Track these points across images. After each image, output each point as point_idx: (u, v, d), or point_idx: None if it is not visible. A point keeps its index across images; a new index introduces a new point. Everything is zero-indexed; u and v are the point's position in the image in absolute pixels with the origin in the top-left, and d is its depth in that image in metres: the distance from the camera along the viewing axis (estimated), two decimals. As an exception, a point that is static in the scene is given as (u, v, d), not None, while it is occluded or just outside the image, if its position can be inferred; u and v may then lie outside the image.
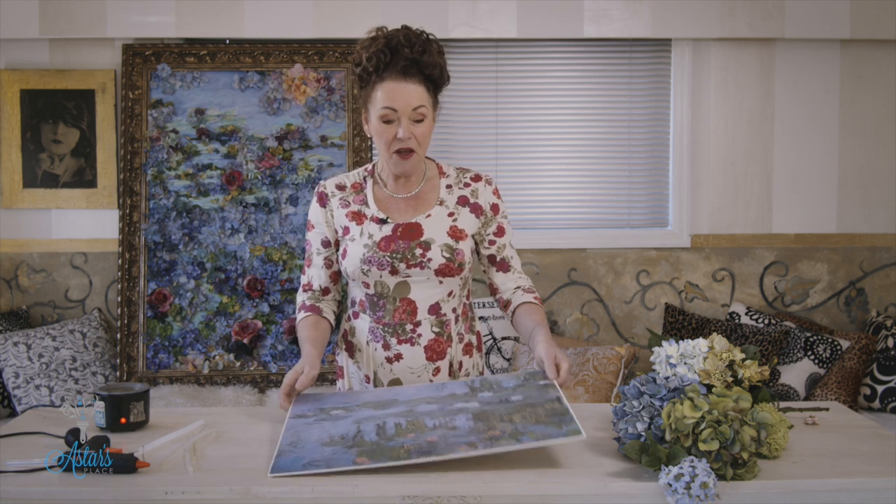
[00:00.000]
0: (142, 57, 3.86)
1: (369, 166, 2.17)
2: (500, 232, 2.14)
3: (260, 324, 3.80)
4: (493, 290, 2.18)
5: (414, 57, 1.96)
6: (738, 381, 1.70)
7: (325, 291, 2.15)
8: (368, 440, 1.66)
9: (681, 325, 3.93)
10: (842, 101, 4.04)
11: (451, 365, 2.09)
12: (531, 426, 1.63)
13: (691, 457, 1.48)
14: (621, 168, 4.09)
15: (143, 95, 3.85)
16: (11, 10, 3.78)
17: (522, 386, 1.84)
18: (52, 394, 3.53)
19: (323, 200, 2.12)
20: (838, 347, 3.71)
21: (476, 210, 2.11)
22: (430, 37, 2.02)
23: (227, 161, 3.85)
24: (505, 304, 2.16)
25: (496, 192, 2.15)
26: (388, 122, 1.98)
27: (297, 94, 3.88)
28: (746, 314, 3.92)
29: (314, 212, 2.13)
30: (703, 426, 1.51)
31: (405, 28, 2.00)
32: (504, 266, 2.15)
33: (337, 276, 2.16)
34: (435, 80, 2.02)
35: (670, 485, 1.45)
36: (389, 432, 1.68)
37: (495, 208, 2.14)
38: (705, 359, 1.69)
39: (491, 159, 4.03)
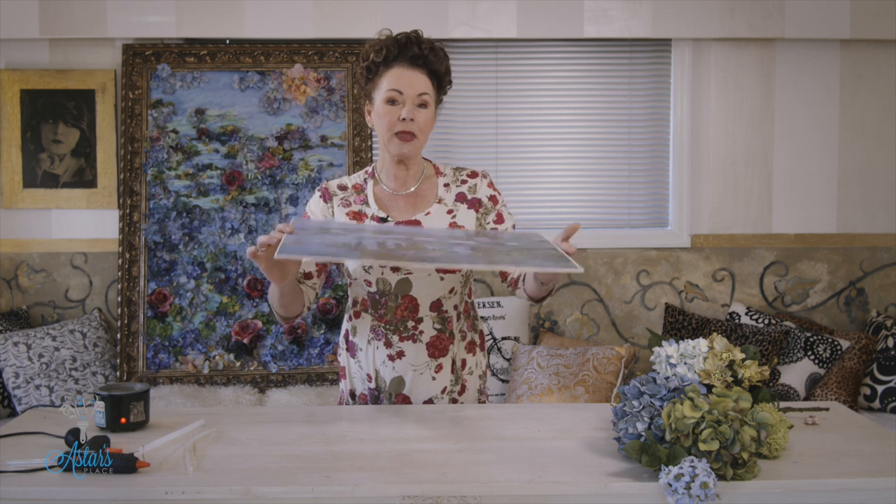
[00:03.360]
0: (142, 57, 3.86)
1: (369, 168, 2.19)
2: (500, 219, 2.13)
3: (260, 324, 3.80)
4: (502, 277, 2.13)
5: (422, 53, 2.01)
6: (738, 381, 1.70)
7: (308, 276, 2.09)
8: (370, 249, 1.78)
9: (681, 325, 3.93)
10: (842, 101, 4.05)
11: (453, 362, 2.10)
12: (530, 260, 1.75)
13: (691, 457, 1.48)
14: (621, 168, 4.09)
15: (143, 95, 3.85)
16: (11, 10, 3.78)
17: (520, 239, 1.93)
18: (52, 394, 3.54)
19: (326, 196, 2.14)
20: (838, 347, 3.71)
21: (474, 205, 2.12)
22: (439, 43, 2.08)
23: (227, 161, 3.86)
24: (514, 282, 2.08)
25: (491, 185, 2.16)
26: (392, 103, 2.01)
27: (297, 94, 3.88)
28: (746, 314, 3.92)
29: (315, 204, 2.14)
30: (703, 426, 1.51)
31: (415, 31, 2.06)
32: None
33: (322, 269, 2.11)
34: (440, 77, 2.07)
35: (670, 485, 1.45)
36: (389, 247, 1.81)
37: (493, 199, 2.15)
38: (705, 359, 1.69)
39: (491, 159, 4.03)
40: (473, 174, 2.16)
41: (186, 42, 3.93)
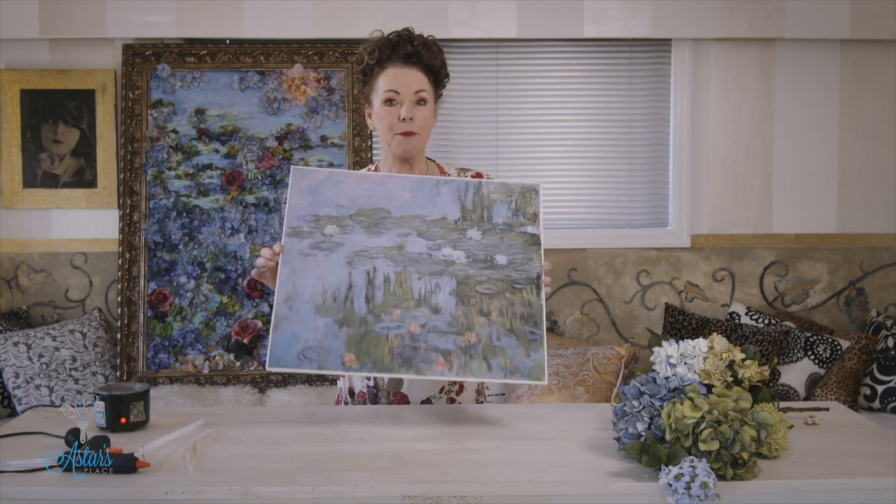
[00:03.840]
0: (142, 57, 3.86)
1: (371, 167, 2.18)
2: None
3: (260, 324, 3.80)
4: None
5: (415, 50, 2.02)
6: (738, 381, 1.70)
7: None
8: (358, 313, 1.83)
9: (681, 325, 3.93)
10: (842, 101, 4.05)
11: (452, 361, 2.10)
12: (504, 337, 1.82)
13: (691, 457, 1.48)
14: (621, 168, 4.09)
15: (143, 95, 3.85)
16: (11, 10, 3.78)
17: (511, 230, 1.94)
18: (52, 394, 3.53)
19: None
20: (838, 347, 3.71)
21: None
22: (431, 37, 2.08)
23: (227, 161, 3.86)
24: None
25: None
26: (390, 103, 2.02)
27: (297, 94, 3.88)
28: (746, 314, 3.92)
29: None
30: (703, 426, 1.51)
31: (406, 29, 2.05)
32: None
33: None
34: (436, 72, 2.07)
35: (670, 485, 1.45)
36: (378, 298, 1.84)
37: None
38: (705, 359, 1.69)
39: (491, 159, 4.03)
40: (478, 175, 2.16)
41: (186, 42, 3.93)
